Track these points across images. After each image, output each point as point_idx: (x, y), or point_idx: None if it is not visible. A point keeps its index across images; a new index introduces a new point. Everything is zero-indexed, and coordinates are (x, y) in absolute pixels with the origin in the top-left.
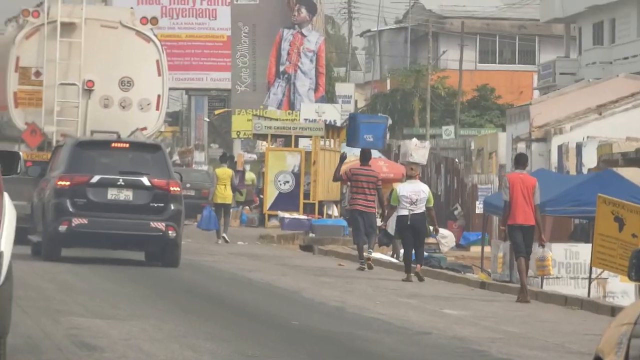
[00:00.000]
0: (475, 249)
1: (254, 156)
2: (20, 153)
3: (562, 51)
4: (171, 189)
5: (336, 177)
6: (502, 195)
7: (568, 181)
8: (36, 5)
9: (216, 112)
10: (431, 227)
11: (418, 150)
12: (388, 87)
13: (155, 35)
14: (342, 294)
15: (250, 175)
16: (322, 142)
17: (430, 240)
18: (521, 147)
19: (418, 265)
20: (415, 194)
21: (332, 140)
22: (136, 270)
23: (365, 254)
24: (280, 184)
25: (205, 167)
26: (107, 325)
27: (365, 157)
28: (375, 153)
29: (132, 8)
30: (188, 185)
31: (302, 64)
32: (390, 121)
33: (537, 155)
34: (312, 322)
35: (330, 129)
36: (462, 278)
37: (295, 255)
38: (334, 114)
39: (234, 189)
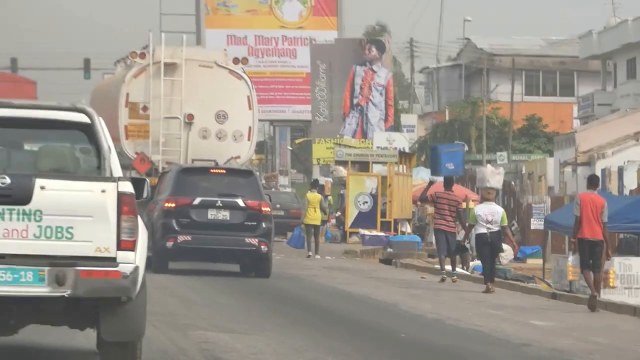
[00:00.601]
0: (532, 262)
1: (330, 179)
2: (147, 179)
3: (599, 84)
4: (263, 209)
5: (422, 198)
6: (573, 210)
7: (619, 201)
8: (142, 48)
9: (297, 141)
10: (509, 246)
11: (494, 176)
12: (447, 118)
13: (245, 73)
14: (436, 306)
15: (328, 198)
16: (395, 168)
17: None
18: (568, 171)
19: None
20: (490, 214)
21: (404, 166)
22: (236, 281)
23: (447, 267)
24: (360, 204)
25: (288, 190)
26: (232, 339)
27: (448, 183)
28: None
29: (225, 49)
30: (277, 206)
31: (373, 97)
32: (466, 148)
33: (582, 178)
34: (418, 335)
35: (402, 156)
36: (534, 289)
37: (379, 269)
38: (403, 141)
39: (323, 211)
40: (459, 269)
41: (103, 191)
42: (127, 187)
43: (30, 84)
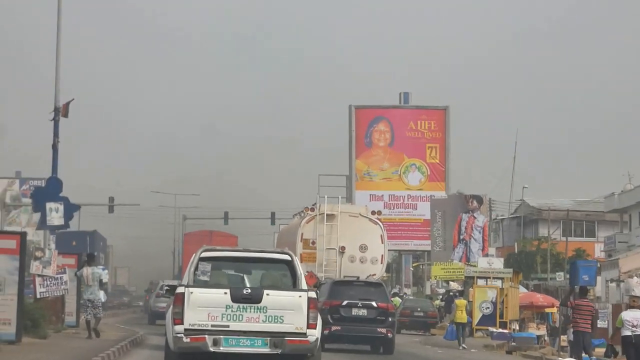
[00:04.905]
0: (598, 350)
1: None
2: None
3: (613, 230)
4: (389, 309)
5: (563, 303)
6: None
7: None
8: (312, 205)
9: (413, 264)
10: None
11: (638, 287)
12: (516, 250)
13: (380, 220)
14: None
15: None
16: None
17: None
18: (612, 285)
19: None
20: (636, 319)
21: (512, 282)
22: (381, 358)
23: None
24: (483, 309)
25: (411, 297)
26: None
27: (583, 292)
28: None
29: (366, 206)
30: (419, 309)
31: (474, 234)
32: (598, 264)
33: (624, 290)
34: None
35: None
36: None
37: None
38: (498, 264)
39: (468, 312)
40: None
41: (300, 296)
42: (313, 294)
43: (234, 237)
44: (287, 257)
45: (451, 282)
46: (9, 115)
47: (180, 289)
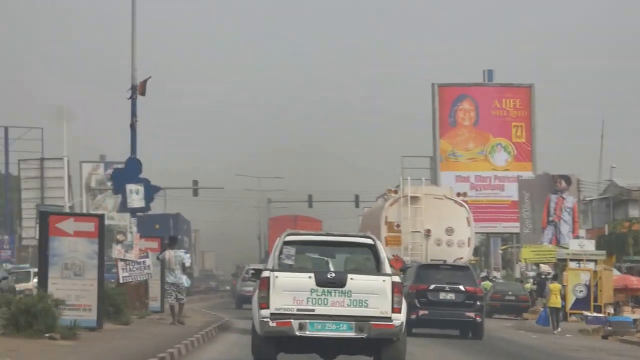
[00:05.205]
0: None
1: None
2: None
3: None
4: (477, 292)
5: None
6: None
7: None
8: (395, 187)
9: (502, 247)
10: None
11: None
12: (606, 232)
13: (466, 202)
14: None
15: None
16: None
17: None
18: None
19: None
20: None
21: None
22: (469, 343)
23: None
24: (577, 292)
25: (501, 280)
26: None
27: None
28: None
29: (450, 187)
30: (509, 292)
31: (564, 216)
32: None
33: None
34: None
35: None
36: None
37: (624, 348)
38: (590, 246)
39: (562, 297)
40: None
41: (384, 281)
42: (397, 279)
43: (318, 221)
44: (370, 241)
45: (541, 265)
46: (95, 100)
47: (265, 273)
